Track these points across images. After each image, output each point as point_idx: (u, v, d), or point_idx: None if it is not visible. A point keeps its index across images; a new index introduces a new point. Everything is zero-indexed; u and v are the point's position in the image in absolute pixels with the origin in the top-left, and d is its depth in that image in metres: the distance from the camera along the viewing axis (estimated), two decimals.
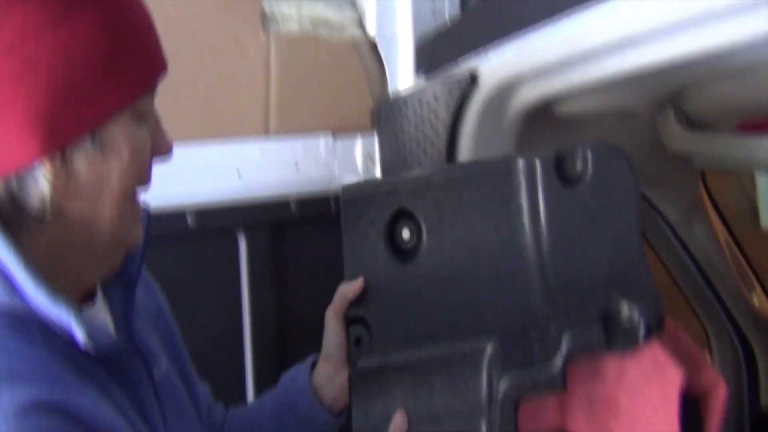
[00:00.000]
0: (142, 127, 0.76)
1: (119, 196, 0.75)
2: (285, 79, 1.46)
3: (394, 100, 1.45)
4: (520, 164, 0.96)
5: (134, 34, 0.73)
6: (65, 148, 0.70)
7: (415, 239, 0.99)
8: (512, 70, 1.14)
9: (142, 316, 0.93)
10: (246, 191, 1.43)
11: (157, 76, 0.77)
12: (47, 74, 0.67)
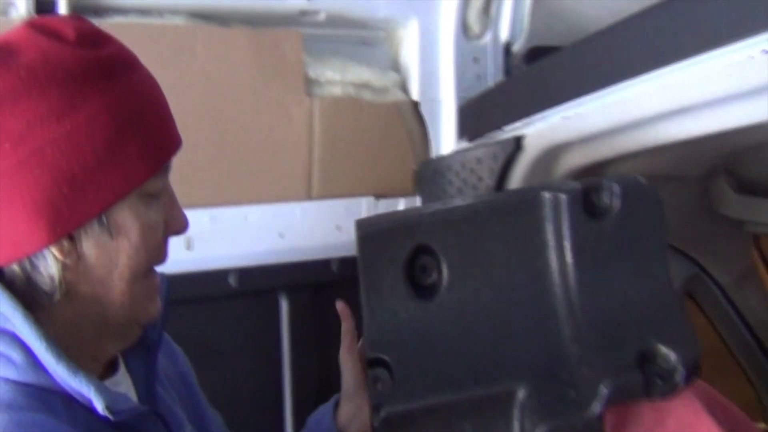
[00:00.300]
0: (152, 207, 0.77)
1: (129, 276, 0.76)
2: (328, 143, 1.47)
3: (436, 163, 1.45)
4: (546, 196, 0.93)
5: (139, 119, 0.73)
6: (73, 231, 0.72)
7: (436, 276, 0.94)
8: (559, 135, 1.13)
9: (165, 382, 0.94)
10: (288, 252, 1.43)
11: (165, 159, 0.76)
12: (52, 163, 0.69)
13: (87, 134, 0.70)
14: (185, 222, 0.82)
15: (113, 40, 0.75)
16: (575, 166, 1.21)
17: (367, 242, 0.92)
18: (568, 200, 0.91)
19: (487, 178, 1.28)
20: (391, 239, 0.92)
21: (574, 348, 0.89)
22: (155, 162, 0.74)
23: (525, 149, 1.21)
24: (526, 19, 1.55)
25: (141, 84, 0.75)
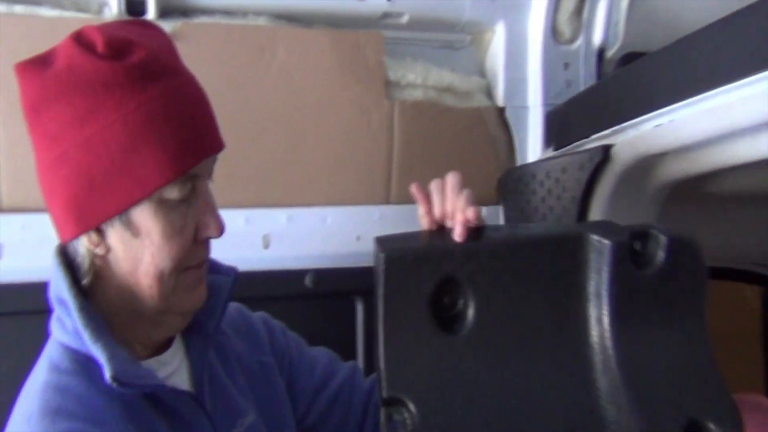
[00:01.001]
0: (176, 212, 0.81)
1: (155, 272, 0.81)
2: (408, 146, 1.45)
3: (520, 171, 1.40)
4: (591, 239, 0.88)
5: (156, 128, 0.77)
6: (98, 226, 0.80)
7: (462, 309, 0.88)
8: (650, 145, 1.07)
9: (234, 370, 0.98)
10: (365, 256, 1.41)
11: (185, 167, 0.79)
12: (76, 164, 0.77)
13: (103, 140, 0.76)
14: (218, 228, 0.84)
15: (142, 50, 0.78)
16: (668, 179, 1.13)
17: (392, 267, 0.85)
18: (614, 246, 0.86)
19: (573, 188, 1.22)
20: (417, 268, 0.86)
21: (611, 410, 0.83)
22: (172, 170, 0.78)
23: (613, 159, 1.15)
24: (621, 23, 1.48)
25: (164, 93, 0.78)
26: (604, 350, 0.85)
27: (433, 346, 0.86)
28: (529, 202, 1.33)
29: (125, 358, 0.80)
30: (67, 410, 0.75)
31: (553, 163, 1.27)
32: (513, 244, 0.88)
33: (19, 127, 1.18)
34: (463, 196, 0.89)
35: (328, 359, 1.13)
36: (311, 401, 1.08)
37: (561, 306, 0.88)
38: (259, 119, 1.34)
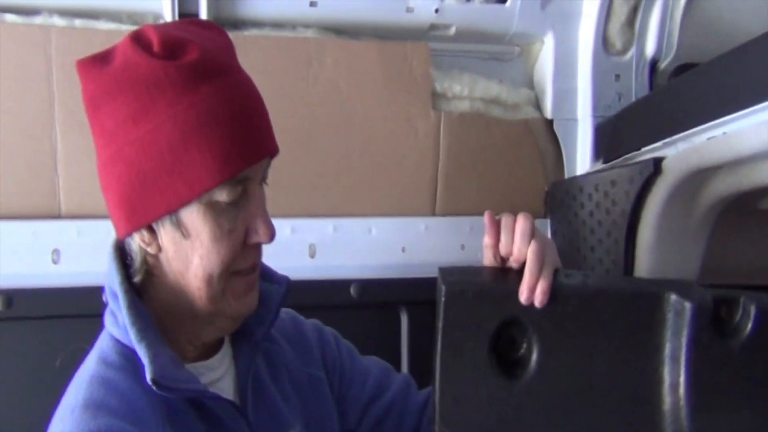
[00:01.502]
0: (225, 215, 0.80)
1: (204, 275, 0.81)
2: (454, 158, 1.45)
3: (568, 184, 1.38)
4: (671, 299, 0.82)
5: (206, 130, 0.76)
6: (149, 225, 0.80)
7: (525, 353, 0.83)
8: (703, 158, 1.04)
9: (283, 380, 0.98)
10: (410, 268, 1.42)
11: (235, 170, 0.78)
12: (129, 162, 0.77)
13: (154, 139, 0.76)
14: (267, 234, 0.83)
15: (196, 50, 0.77)
16: (721, 193, 1.10)
17: (453, 301, 0.83)
18: (696, 309, 0.81)
19: (622, 202, 1.20)
20: (478, 305, 0.83)
21: None
22: (220, 172, 0.77)
23: (665, 173, 1.12)
24: (674, 34, 1.45)
25: (216, 94, 0.77)
26: (677, 420, 0.81)
27: (491, 387, 0.83)
28: (577, 215, 1.31)
29: (169, 360, 0.80)
30: (110, 406, 0.76)
31: (602, 176, 1.25)
32: (585, 294, 0.84)
33: (77, 137, 1.24)
34: (534, 247, 0.83)
35: (382, 370, 1.10)
36: (363, 412, 1.06)
37: (632, 365, 0.83)
38: (306, 130, 1.36)
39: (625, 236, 1.16)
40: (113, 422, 0.75)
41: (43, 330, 1.22)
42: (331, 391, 1.05)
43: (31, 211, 1.24)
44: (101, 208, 1.25)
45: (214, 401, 0.84)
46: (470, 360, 0.82)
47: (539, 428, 0.82)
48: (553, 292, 0.81)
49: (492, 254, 0.88)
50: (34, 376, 1.18)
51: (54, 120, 1.25)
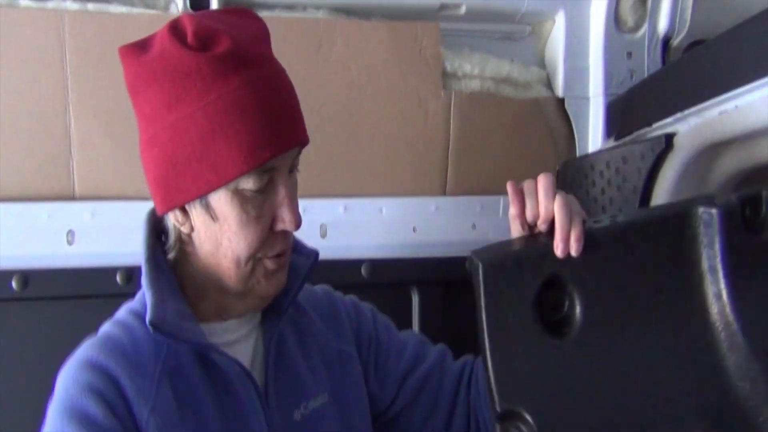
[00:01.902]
0: (251, 202, 0.84)
1: (233, 257, 0.86)
2: (465, 138, 1.45)
3: (579, 162, 1.38)
4: (698, 212, 0.83)
5: (234, 121, 0.79)
6: (181, 205, 0.85)
7: (569, 310, 0.83)
8: (715, 132, 1.03)
9: (312, 351, 1.01)
10: (421, 247, 1.42)
11: (260, 161, 0.81)
12: (163, 146, 0.82)
13: (185, 127, 0.80)
14: (293, 222, 0.86)
15: (227, 41, 0.81)
16: (735, 169, 1.09)
17: (491, 276, 0.81)
18: (724, 214, 0.81)
19: (634, 179, 1.19)
20: (519, 272, 0.82)
21: (744, 386, 0.79)
22: (246, 162, 0.80)
23: (676, 148, 1.12)
24: (688, 10, 1.43)
25: (244, 85, 0.80)
26: (728, 326, 0.82)
27: (542, 352, 0.82)
28: (588, 193, 1.30)
29: (175, 312, 0.86)
30: (114, 345, 0.85)
31: (613, 153, 1.25)
32: (615, 233, 0.84)
33: (90, 120, 1.25)
34: (559, 200, 0.83)
35: (418, 342, 1.12)
36: (400, 385, 1.07)
37: (674, 289, 0.83)
38: (317, 110, 1.36)
39: None
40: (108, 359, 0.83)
41: (58, 310, 1.24)
42: (367, 366, 1.07)
43: (46, 193, 1.25)
44: (115, 189, 1.28)
45: (224, 360, 0.88)
46: (518, 331, 0.82)
47: (596, 378, 0.82)
48: (586, 239, 0.81)
49: (519, 224, 0.88)
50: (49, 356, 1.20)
51: (68, 103, 1.26)
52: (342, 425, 0.99)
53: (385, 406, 1.07)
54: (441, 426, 1.06)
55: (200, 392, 0.87)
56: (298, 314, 1.04)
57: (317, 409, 0.97)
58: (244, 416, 0.89)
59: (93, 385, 0.81)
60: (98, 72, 1.26)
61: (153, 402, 0.83)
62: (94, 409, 0.80)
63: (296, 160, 0.88)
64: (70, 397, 0.81)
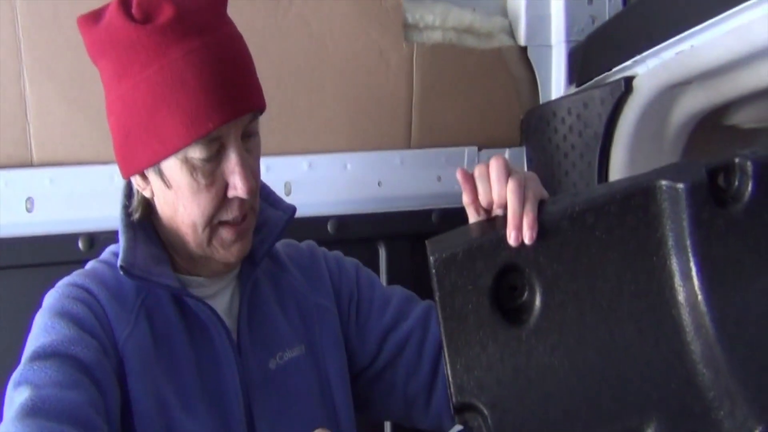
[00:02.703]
0: (201, 170, 0.84)
1: (189, 222, 0.88)
2: (428, 90, 1.44)
3: (541, 110, 1.38)
4: (661, 186, 0.76)
5: (177, 92, 0.80)
6: (141, 172, 0.87)
7: (527, 296, 0.79)
8: (673, 73, 1.03)
9: (289, 305, 1.02)
10: (387, 202, 1.42)
11: (203, 131, 0.81)
12: (116, 116, 0.85)
13: (133, 99, 0.82)
14: (244, 189, 0.86)
15: (170, 11, 0.81)
16: (694, 109, 1.10)
17: (443, 269, 0.78)
18: (690, 188, 0.74)
19: (595, 124, 1.19)
20: (471, 263, 0.78)
21: (708, 374, 0.75)
22: (189, 133, 0.81)
23: (636, 91, 1.12)
24: None
25: (186, 56, 0.81)
26: (695, 308, 0.76)
27: (500, 342, 0.79)
28: (551, 140, 1.31)
29: (149, 255, 0.89)
30: (100, 274, 0.90)
31: (574, 99, 1.25)
32: (573, 213, 0.78)
33: (46, 84, 1.22)
34: (512, 185, 0.79)
35: (402, 299, 1.10)
36: (381, 342, 1.07)
37: (638, 270, 0.78)
38: (277, 67, 1.34)
39: (598, 158, 1.17)
40: (92, 284, 0.87)
41: (20, 279, 1.22)
42: (348, 322, 1.07)
43: (3, 161, 1.22)
44: (73, 155, 1.26)
45: (198, 306, 0.90)
46: (475, 322, 0.79)
47: (557, 364, 0.78)
48: (541, 224, 0.77)
49: (474, 211, 0.85)
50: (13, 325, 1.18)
51: (22, 67, 1.22)
52: (317, 377, 1.00)
53: (368, 362, 1.07)
54: (425, 383, 1.05)
55: (176, 333, 0.90)
56: (278, 268, 1.05)
57: (293, 360, 0.98)
58: (217, 361, 0.91)
59: (78, 296, 0.87)
60: (52, 34, 1.22)
61: (131, 329, 0.87)
62: (77, 310, 0.85)
63: (251, 127, 0.88)
64: (55, 303, 0.86)
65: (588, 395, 0.77)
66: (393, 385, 1.05)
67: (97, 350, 0.82)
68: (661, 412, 0.75)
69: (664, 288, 0.77)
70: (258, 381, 0.94)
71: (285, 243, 1.12)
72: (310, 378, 0.99)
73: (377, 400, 1.08)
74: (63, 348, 0.81)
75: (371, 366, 1.07)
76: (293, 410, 0.96)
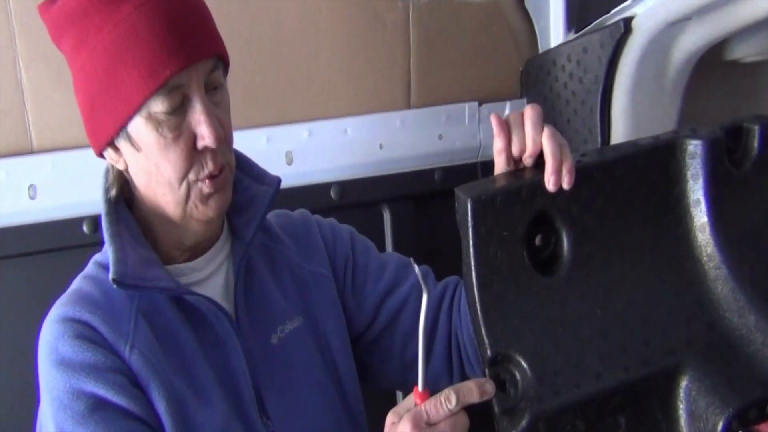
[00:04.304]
0: (166, 125, 0.84)
1: (165, 183, 0.87)
2: (426, 48, 1.41)
3: (542, 59, 1.35)
4: (683, 143, 0.81)
5: (131, 48, 0.80)
6: (111, 142, 0.87)
7: (557, 248, 0.82)
8: (673, 10, 1.00)
9: (284, 277, 1.01)
10: (389, 164, 1.41)
11: (160, 80, 0.80)
12: (81, 91, 0.86)
13: (92, 66, 0.83)
14: (211, 137, 0.85)
15: None
16: (694, 46, 1.07)
17: (481, 214, 0.78)
18: (709, 144, 0.80)
19: (595, 68, 1.17)
20: (508, 209, 0.79)
21: (733, 318, 0.79)
22: (147, 84, 0.81)
23: (635, 32, 1.09)
24: None
25: (136, 11, 0.81)
26: (713, 258, 0.82)
27: (534, 292, 0.80)
28: (552, 89, 1.28)
29: (139, 260, 0.87)
30: (89, 295, 0.88)
31: (573, 45, 1.22)
32: (605, 164, 0.81)
33: (42, 69, 1.21)
34: (548, 132, 0.80)
35: (399, 264, 1.10)
36: (378, 307, 1.06)
37: (660, 222, 0.83)
38: (271, 36, 1.32)
39: (600, 102, 1.14)
40: (82, 312, 0.85)
41: (26, 267, 1.22)
42: (344, 288, 1.07)
43: (3, 149, 1.22)
44: (73, 139, 1.25)
45: (194, 298, 0.89)
46: (507, 270, 0.79)
47: (589, 312, 0.81)
48: (576, 173, 0.79)
49: (504, 159, 0.84)
50: (23, 314, 1.19)
51: (16, 53, 1.21)
52: (318, 345, 1.00)
53: (364, 327, 1.07)
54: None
55: (177, 327, 0.89)
56: (270, 241, 1.04)
57: (293, 332, 0.98)
58: (221, 346, 0.91)
59: (74, 332, 0.85)
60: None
61: (132, 339, 0.86)
62: (82, 352, 0.83)
63: (215, 77, 0.87)
64: (58, 349, 0.84)
65: (621, 341, 0.79)
66: (390, 351, 1.05)
67: (120, 383, 0.83)
68: (693, 354, 0.78)
69: (683, 240, 0.83)
70: (262, 358, 0.94)
71: (277, 213, 1.10)
72: (311, 347, 1.00)
73: (375, 366, 1.08)
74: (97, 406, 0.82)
75: (368, 331, 1.07)
76: (299, 381, 0.96)
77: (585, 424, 0.77)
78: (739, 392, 0.75)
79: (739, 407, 0.75)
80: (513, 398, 0.77)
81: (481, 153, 1.46)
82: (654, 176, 0.82)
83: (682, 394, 0.78)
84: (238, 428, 0.89)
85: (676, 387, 0.78)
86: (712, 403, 0.76)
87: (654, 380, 0.78)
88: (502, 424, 0.76)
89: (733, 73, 1.15)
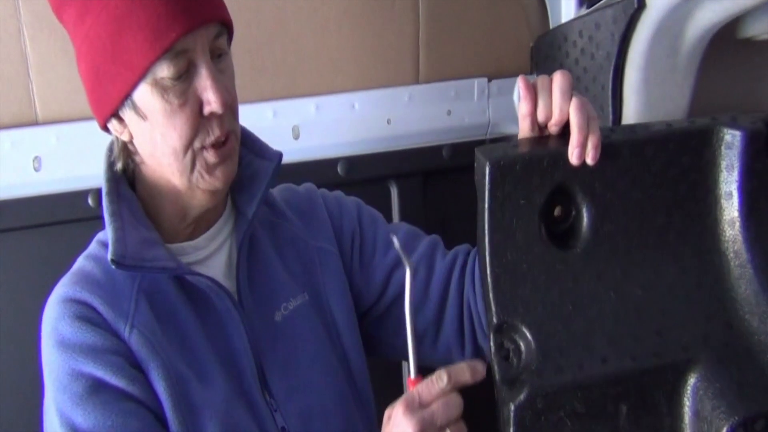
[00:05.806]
0: (172, 91, 0.83)
1: (170, 151, 0.85)
2: (434, 23, 1.39)
3: (552, 35, 1.33)
4: (720, 131, 0.78)
5: (134, 13, 0.80)
6: (116, 113, 0.86)
7: (576, 222, 0.79)
8: None
9: (288, 253, 1.01)
10: (397, 139, 1.40)
11: (165, 45, 0.80)
12: (85, 59, 0.84)
13: (97, 33, 0.82)
14: (219, 102, 0.84)
15: None
16: (709, 22, 1.05)
17: (499, 177, 0.76)
18: (748, 136, 0.77)
19: (607, 44, 1.15)
20: (527, 177, 0.76)
21: (752, 320, 0.77)
22: (152, 48, 0.80)
23: (648, 7, 1.07)
24: None
25: None
26: (739, 255, 0.79)
27: (547, 264, 0.78)
28: (562, 65, 1.26)
29: (139, 240, 0.86)
30: (89, 278, 0.87)
31: (585, 21, 1.20)
32: (635, 143, 0.78)
33: (47, 40, 1.20)
34: (576, 102, 0.78)
35: (407, 234, 1.08)
36: (387, 278, 1.05)
37: (687, 211, 0.80)
38: (278, 9, 1.30)
39: (612, 79, 1.13)
40: (83, 292, 0.85)
41: (31, 239, 1.22)
42: (351, 261, 1.06)
43: (8, 120, 1.21)
44: (78, 110, 1.24)
45: (195, 278, 0.89)
46: (522, 238, 0.78)
47: (602, 293, 0.79)
48: (602, 149, 0.76)
49: (529, 124, 0.82)
50: (28, 286, 1.20)
51: (21, 24, 1.20)
52: (323, 322, 1.00)
53: (373, 300, 1.06)
54: (432, 319, 1.03)
55: (178, 307, 0.89)
56: (274, 216, 1.03)
57: (297, 308, 0.98)
58: (223, 325, 0.91)
59: (74, 312, 0.85)
60: None
61: (132, 319, 0.86)
62: (81, 333, 0.84)
63: (219, 43, 0.86)
64: (59, 330, 0.84)
65: (633, 328, 0.77)
66: (400, 323, 1.03)
67: (118, 365, 0.83)
68: (707, 353, 0.76)
69: (710, 233, 0.80)
70: (265, 336, 0.94)
71: (282, 188, 1.09)
72: (316, 324, 0.99)
73: (385, 339, 1.07)
74: (98, 385, 0.83)
75: (377, 304, 1.06)
76: (302, 358, 0.96)
77: (584, 407, 0.76)
78: (748, 401, 0.74)
79: (745, 416, 0.73)
80: (515, 368, 0.76)
81: (490, 130, 1.45)
82: (686, 162, 0.79)
83: (689, 392, 0.76)
84: (240, 407, 0.89)
85: (684, 384, 0.77)
86: (719, 407, 0.74)
87: (662, 373, 0.76)
88: (501, 394, 0.76)
89: (747, 51, 1.13)
